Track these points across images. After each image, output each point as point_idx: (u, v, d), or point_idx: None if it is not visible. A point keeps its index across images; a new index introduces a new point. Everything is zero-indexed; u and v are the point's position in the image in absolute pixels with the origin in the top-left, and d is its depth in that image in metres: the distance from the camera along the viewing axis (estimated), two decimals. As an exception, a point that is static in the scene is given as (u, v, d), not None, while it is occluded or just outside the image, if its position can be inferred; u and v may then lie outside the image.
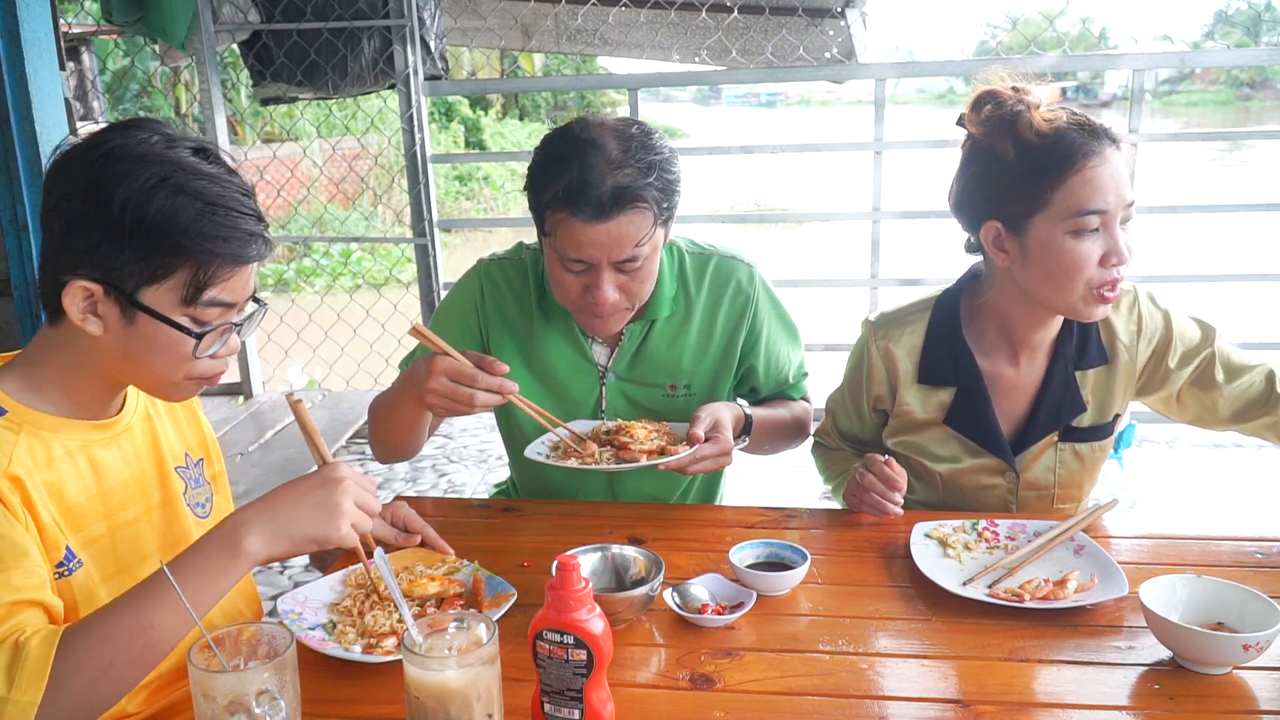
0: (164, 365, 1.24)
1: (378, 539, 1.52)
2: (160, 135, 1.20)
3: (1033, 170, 1.52)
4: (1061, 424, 1.69)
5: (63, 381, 1.26)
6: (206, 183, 1.18)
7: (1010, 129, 1.54)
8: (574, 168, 1.56)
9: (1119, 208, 1.51)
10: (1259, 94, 34.69)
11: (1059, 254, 1.53)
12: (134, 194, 1.14)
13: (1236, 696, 1.16)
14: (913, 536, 1.54)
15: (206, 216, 1.17)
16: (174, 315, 1.20)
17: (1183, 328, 1.68)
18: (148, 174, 1.15)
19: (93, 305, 1.19)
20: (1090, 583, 1.39)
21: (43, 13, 2.97)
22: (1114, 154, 1.52)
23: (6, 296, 3.10)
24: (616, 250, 1.60)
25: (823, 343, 4.34)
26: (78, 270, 1.17)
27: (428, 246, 4.38)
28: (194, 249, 1.17)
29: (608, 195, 1.55)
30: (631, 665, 1.26)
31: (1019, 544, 1.54)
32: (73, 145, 1.20)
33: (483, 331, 1.85)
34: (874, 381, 1.77)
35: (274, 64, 4.26)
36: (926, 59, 20.07)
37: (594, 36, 5.69)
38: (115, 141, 1.17)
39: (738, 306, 1.84)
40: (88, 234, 1.15)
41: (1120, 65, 4.09)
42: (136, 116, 1.26)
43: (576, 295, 1.67)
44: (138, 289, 1.18)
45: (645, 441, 1.61)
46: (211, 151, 1.23)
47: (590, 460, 1.60)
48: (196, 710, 1.00)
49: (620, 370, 1.84)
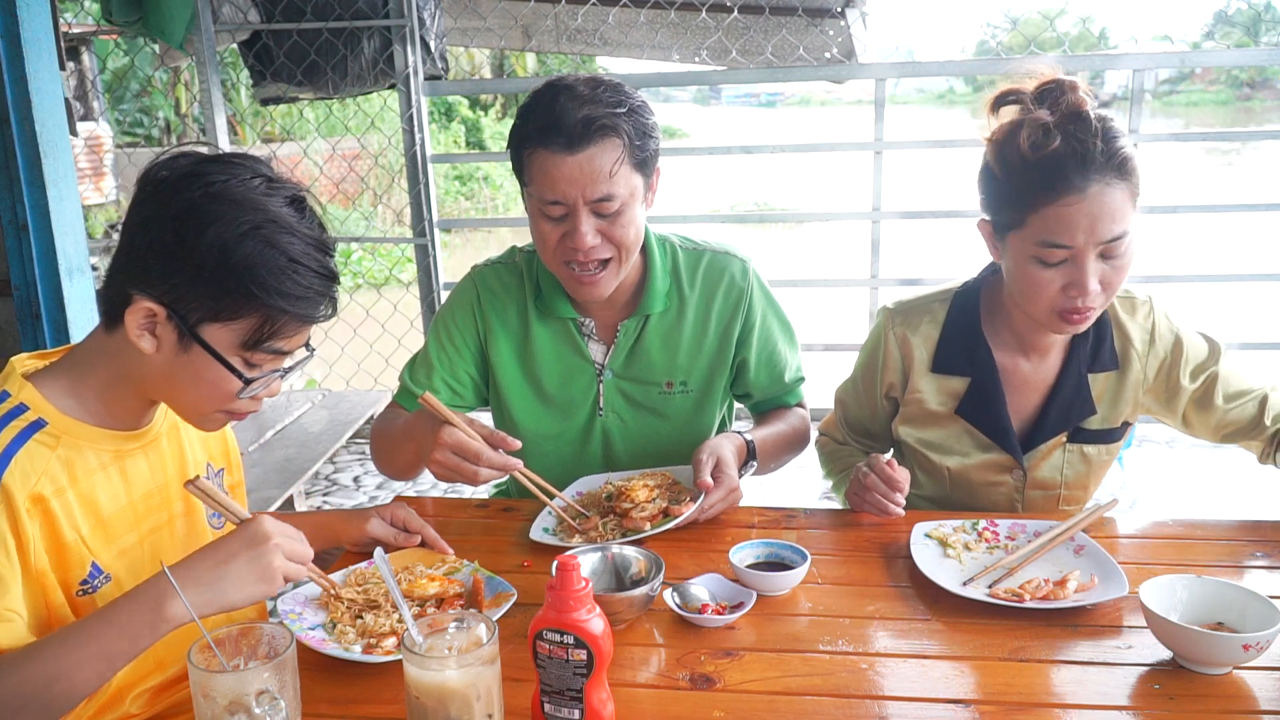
0: (205, 398, 1.25)
1: (378, 539, 1.52)
2: (261, 178, 1.21)
3: (1016, 188, 1.53)
4: (1071, 425, 1.70)
5: (104, 391, 1.28)
6: (294, 239, 1.19)
7: (1008, 141, 1.54)
8: (544, 108, 1.62)
9: (1090, 245, 1.49)
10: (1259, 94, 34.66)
11: (1022, 275, 1.56)
12: (224, 237, 1.15)
13: (1236, 696, 1.16)
14: (913, 536, 1.54)
15: (287, 274, 1.18)
16: (229, 355, 1.21)
17: (1192, 343, 1.69)
18: (242, 219, 1.16)
19: (152, 325, 1.20)
20: (1090, 583, 1.39)
21: (43, 13, 2.97)
22: (1105, 189, 1.47)
23: (6, 296, 3.10)
24: (590, 185, 1.61)
25: (823, 343, 4.35)
26: (147, 289, 1.18)
27: (428, 246, 4.38)
28: (267, 302, 1.18)
29: (578, 125, 1.59)
30: (631, 665, 1.25)
31: (1019, 544, 1.54)
32: (173, 166, 1.21)
33: (480, 335, 1.86)
34: (888, 369, 1.76)
35: (274, 64, 4.26)
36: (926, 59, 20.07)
37: (594, 36, 5.69)
38: (218, 179, 1.18)
39: (731, 301, 1.84)
40: (168, 261, 1.16)
41: (1120, 65, 4.09)
42: (240, 151, 1.25)
43: (556, 244, 1.67)
44: (200, 323, 1.19)
45: (647, 506, 1.59)
46: (305, 202, 1.24)
47: (596, 537, 1.57)
48: (196, 710, 1.00)
49: (617, 368, 1.84)
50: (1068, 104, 1.52)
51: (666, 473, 1.71)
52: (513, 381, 1.87)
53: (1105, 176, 1.47)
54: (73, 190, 3.10)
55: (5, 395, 1.23)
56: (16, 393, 1.23)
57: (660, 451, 1.88)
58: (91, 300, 3.23)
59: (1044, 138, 1.50)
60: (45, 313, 3.09)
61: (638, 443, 1.89)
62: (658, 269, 1.81)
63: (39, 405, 1.23)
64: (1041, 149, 1.50)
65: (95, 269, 3.51)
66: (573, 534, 1.61)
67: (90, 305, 3.22)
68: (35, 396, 1.23)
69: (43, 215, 3.02)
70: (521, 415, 1.88)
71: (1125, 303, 1.70)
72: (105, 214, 10.72)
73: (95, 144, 10.81)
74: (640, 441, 1.89)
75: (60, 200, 3.05)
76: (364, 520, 1.55)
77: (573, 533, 1.61)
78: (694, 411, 1.88)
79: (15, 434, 1.19)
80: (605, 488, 1.68)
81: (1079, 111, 1.51)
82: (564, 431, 1.88)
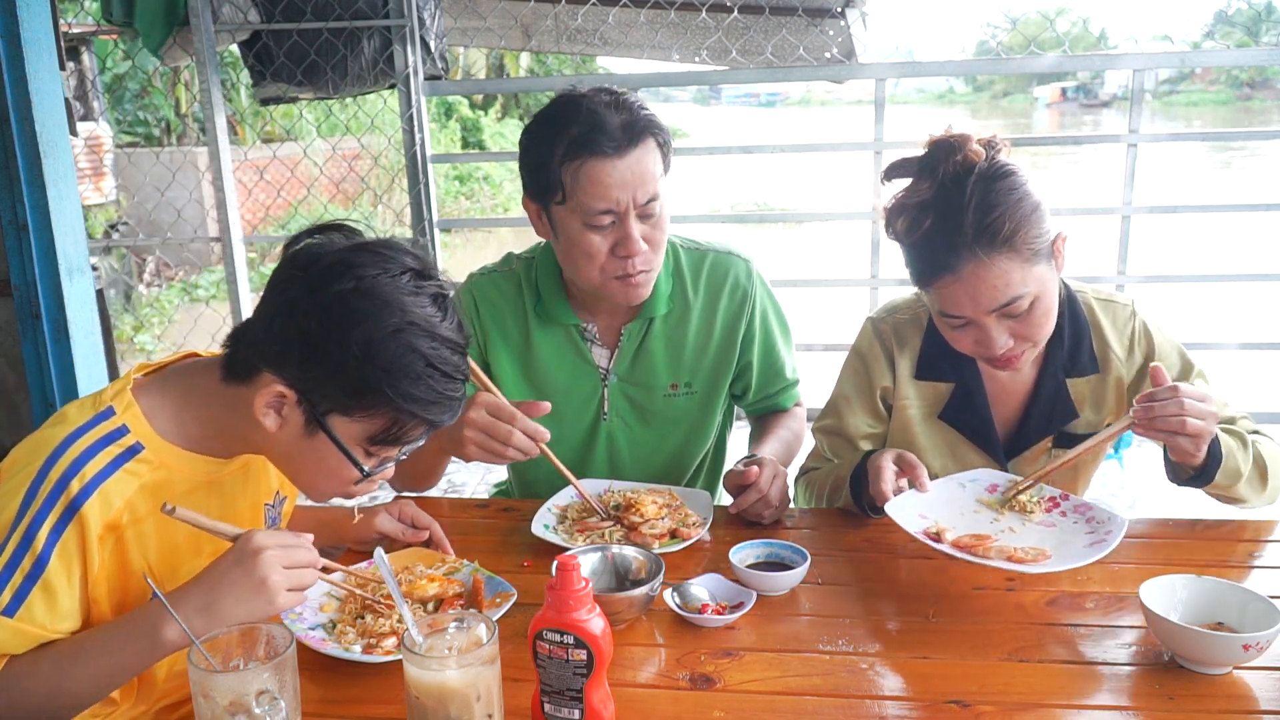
0: (321, 480, 1.26)
1: (384, 534, 1.53)
2: (410, 272, 1.19)
3: (905, 263, 1.56)
4: (1053, 430, 1.69)
5: (208, 429, 1.27)
6: (434, 345, 1.18)
7: (889, 221, 1.55)
8: (579, 118, 1.59)
9: (981, 314, 1.49)
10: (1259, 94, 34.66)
11: (940, 328, 1.59)
12: (370, 337, 1.14)
13: (1236, 696, 1.16)
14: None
15: (423, 379, 1.17)
16: (352, 447, 1.21)
17: (1167, 356, 1.66)
18: (389, 320, 1.15)
19: (279, 405, 1.19)
20: (1042, 554, 1.39)
21: (43, 13, 2.97)
22: (979, 267, 1.44)
23: (6, 296, 3.10)
24: (640, 187, 1.60)
25: (823, 343, 4.34)
26: (281, 371, 1.17)
27: (428, 246, 4.38)
28: (400, 406, 1.17)
29: (620, 129, 1.58)
30: (631, 665, 1.26)
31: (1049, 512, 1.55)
32: (324, 249, 1.19)
33: (480, 346, 1.85)
34: (879, 374, 1.75)
35: (274, 64, 4.25)
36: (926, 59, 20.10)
37: (594, 36, 5.69)
38: (368, 274, 1.16)
39: (736, 301, 1.84)
40: (310, 352, 1.15)
41: (1120, 65, 4.09)
42: (390, 241, 1.24)
43: (606, 258, 1.65)
44: (329, 413, 1.19)
45: (656, 523, 1.57)
46: (449, 300, 1.23)
47: (601, 541, 1.55)
48: (196, 710, 1.00)
49: (621, 372, 1.83)
50: (953, 166, 1.48)
51: (673, 492, 1.69)
52: (515, 390, 1.84)
53: (978, 253, 1.45)
54: (73, 190, 3.10)
55: (110, 412, 1.21)
56: (121, 412, 1.21)
57: (665, 454, 1.88)
58: (92, 300, 3.23)
59: (916, 218, 1.49)
60: (45, 313, 3.09)
61: (642, 447, 1.88)
62: (661, 271, 1.81)
63: (139, 427, 1.22)
64: (914, 232, 1.49)
65: (95, 269, 3.50)
66: (576, 531, 1.60)
67: (90, 305, 3.22)
68: (137, 417, 1.22)
69: (43, 215, 3.02)
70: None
71: (1106, 306, 1.68)
72: (105, 214, 10.72)
73: (95, 144, 10.80)
74: (645, 445, 1.88)
75: (60, 200, 3.05)
76: (371, 515, 1.55)
77: (577, 530, 1.60)
78: (698, 413, 1.88)
79: (109, 460, 1.18)
80: (610, 495, 1.68)
81: (960, 177, 1.47)
82: (568, 437, 1.86)
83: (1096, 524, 1.47)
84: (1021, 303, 1.48)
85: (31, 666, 1.13)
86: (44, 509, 1.14)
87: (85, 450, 1.17)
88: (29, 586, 1.13)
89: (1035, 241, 1.47)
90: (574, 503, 1.68)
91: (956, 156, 1.48)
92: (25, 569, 1.13)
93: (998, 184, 1.47)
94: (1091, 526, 1.48)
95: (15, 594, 1.13)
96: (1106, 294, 1.70)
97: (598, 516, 1.63)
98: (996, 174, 1.47)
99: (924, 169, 1.52)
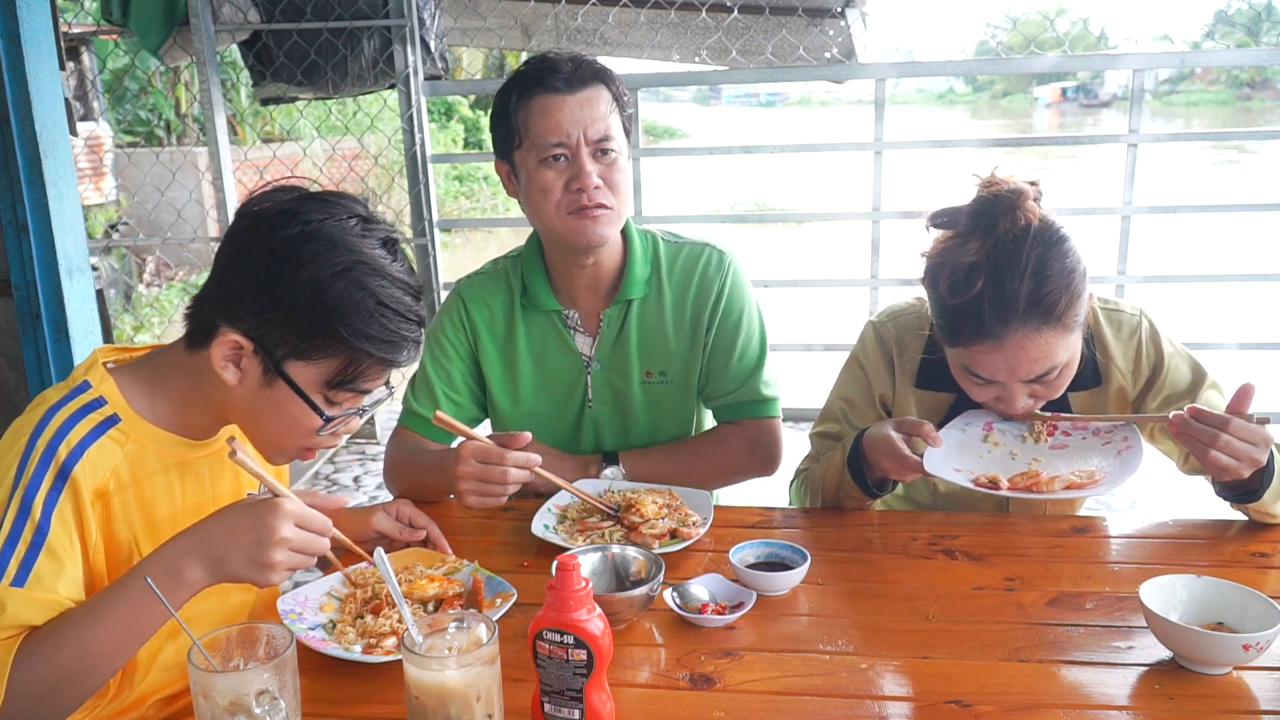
0: (284, 432, 1.27)
1: (383, 533, 1.53)
2: (357, 218, 1.22)
3: (939, 315, 1.52)
4: None
5: (179, 403, 1.29)
6: (384, 282, 1.20)
7: (931, 274, 1.50)
8: (534, 64, 1.70)
9: (1013, 381, 1.48)
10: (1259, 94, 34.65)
11: (957, 375, 1.56)
12: (317, 277, 1.16)
13: (1236, 696, 1.16)
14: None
15: (375, 317, 1.19)
16: (311, 392, 1.23)
17: (1175, 371, 1.64)
18: (335, 260, 1.17)
19: (237, 357, 1.21)
20: (1093, 479, 1.41)
21: (43, 13, 2.97)
22: (1025, 338, 1.41)
23: (6, 296, 3.10)
24: (591, 124, 1.67)
25: (823, 343, 4.34)
26: (236, 321, 1.19)
27: (428, 246, 4.38)
28: (353, 345, 1.19)
29: (571, 64, 1.69)
30: (631, 665, 1.25)
31: (1074, 440, 1.56)
32: (273, 199, 1.22)
33: (470, 343, 1.89)
34: (879, 381, 1.73)
35: (274, 64, 4.26)
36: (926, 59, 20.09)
37: (594, 36, 5.68)
38: (314, 219, 1.19)
39: (705, 287, 1.85)
40: (259, 297, 1.18)
41: (1120, 65, 4.09)
42: (337, 191, 1.27)
43: (561, 194, 1.69)
44: (285, 359, 1.20)
45: (656, 524, 1.56)
46: (398, 244, 1.26)
47: (602, 541, 1.55)
48: (196, 710, 1.00)
49: (603, 359, 1.86)
50: (1006, 229, 1.41)
51: (673, 492, 1.68)
52: (502, 382, 1.89)
53: (1028, 325, 1.41)
54: (73, 190, 3.10)
55: (87, 385, 1.25)
56: (97, 384, 1.25)
57: (646, 443, 1.88)
58: (92, 300, 3.23)
59: (965, 281, 1.43)
60: (45, 313, 3.09)
61: (625, 434, 1.90)
62: (638, 255, 1.83)
63: (116, 400, 1.25)
64: (960, 294, 1.43)
65: (95, 269, 3.50)
66: (575, 531, 1.60)
67: (90, 305, 3.22)
68: (114, 391, 1.25)
69: (43, 215, 3.02)
70: (512, 413, 1.90)
71: (1111, 316, 1.65)
72: (105, 214, 10.71)
73: (95, 144, 10.79)
74: (628, 434, 1.90)
75: (60, 200, 3.05)
76: (369, 514, 1.55)
77: (577, 530, 1.61)
78: (677, 403, 1.88)
79: (92, 427, 1.21)
80: (609, 496, 1.68)
81: (1017, 240, 1.41)
82: (555, 426, 1.89)
83: (1103, 433, 1.50)
84: (1054, 372, 1.48)
85: (52, 635, 1.13)
86: (36, 476, 1.16)
87: (68, 418, 1.21)
88: (34, 555, 1.15)
89: (1080, 314, 1.46)
90: (574, 503, 1.68)
91: (1012, 214, 1.41)
92: (27, 538, 1.15)
93: (1053, 251, 1.42)
94: (1102, 438, 1.50)
95: (21, 564, 1.14)
96: (1114, 303, 1.67)
97: (599, 516, 1.63)
98: (1051, 240, 1.42)
99: (975, 226, 1.45)
